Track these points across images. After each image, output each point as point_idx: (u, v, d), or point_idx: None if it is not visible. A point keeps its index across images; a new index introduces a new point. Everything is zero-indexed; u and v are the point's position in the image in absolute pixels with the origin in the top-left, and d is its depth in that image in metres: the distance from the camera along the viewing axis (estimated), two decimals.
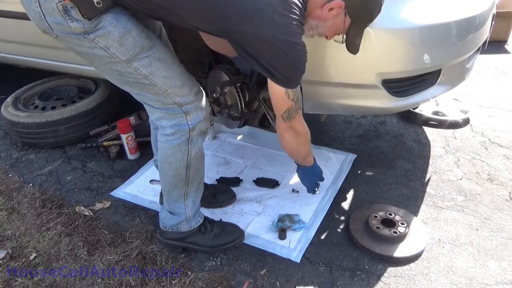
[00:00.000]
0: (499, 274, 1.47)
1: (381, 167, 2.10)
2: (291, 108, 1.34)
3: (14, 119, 2.30)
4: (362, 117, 2.62)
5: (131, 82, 1.27)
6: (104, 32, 1.15)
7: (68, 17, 1.12)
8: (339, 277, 1.47)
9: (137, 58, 1.21)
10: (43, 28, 1.19)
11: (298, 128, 1.44)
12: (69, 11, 1.11)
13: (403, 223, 1.62)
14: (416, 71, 1.53)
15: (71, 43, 1.20)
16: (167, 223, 1.55)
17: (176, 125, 1.33)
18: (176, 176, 1.43)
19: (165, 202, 1.53)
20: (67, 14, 1.12)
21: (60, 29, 1.16)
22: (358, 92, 1.60)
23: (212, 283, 1.45)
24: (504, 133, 2.41)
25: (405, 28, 1.44)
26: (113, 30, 1.16)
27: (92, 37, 1.16)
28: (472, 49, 1.66)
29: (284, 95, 1.29)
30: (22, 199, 1.93)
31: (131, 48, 1.19)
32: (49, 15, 1.14)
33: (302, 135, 1.48)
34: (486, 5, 1.67)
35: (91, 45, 1.18)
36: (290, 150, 1.57)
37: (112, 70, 1.25)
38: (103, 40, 1.17)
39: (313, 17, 1.25)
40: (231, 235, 1.59)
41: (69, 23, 1.13)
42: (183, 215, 1.50)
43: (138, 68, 1.22)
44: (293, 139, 1.48)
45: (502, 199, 1.85)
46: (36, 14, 1.15)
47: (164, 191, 1.50)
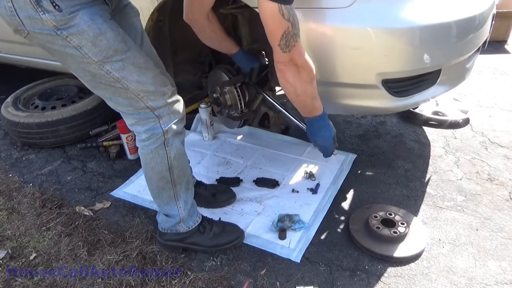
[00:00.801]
0: (499, 274, 1.47)
1: (381, 167, 2.10)
2: (288, 32, 1.18)
3: (14, 119, 2.30)
4: (362, 117, 2.62)
5: (103, 84, 1.23)
6: (77, 31, 1.12)
7: (40, 9, 1.08)
8: (339, 277, 1.47)
9: (110, 60, 1.18)
10: (15, 25, 1.14)
11: (299, 61, 1.29)
12: (40, 1, 1.08)
13: (403, 223, 1.62)
14: (416, 71, 1.53)
15: (43, 40, 1.16)
16: (165, 226, 1.55)
17: (150, 129, 1.31)
18: (161, 180, 1.41)
19: (158, 206, 1.53)
20: (39, 5, 1.08)
21: (32, 24, 1.12)
22: (358, 92, 1.60)
23: (212, 283, 1.45)
24: (504, 133, 2.41)
25: (405, 28, 1.44)
26: (87, 29, 1.13)
27: (65, 35, 1.12)
28: (472, 49, 1.66)
29: (278, 14, 1.13)
30: (22, 199, 1.93)
31: (104, 50, 1.16)
32: (20, 9, 1.10)
33: (306, 70, 1.33)
34: (486, 5, 1.67)
35: (63, 43, 1.14)
36: (294, 93, 1.37)
37: (85, 70, 1.21)
38: (76, 39, 1.13)
39: None
40: (231, 235, 1.59)
41: (41, 15, 1.09)
42: (177, 216, 1.50)
43: (110, 71, 1.19)
44: (295, 76, 1.32)
45: (502, 199, 1.85)
46: (7, 10, 1.11)
47: (153, 196, 1.49)
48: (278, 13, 1.14)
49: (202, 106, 2.23)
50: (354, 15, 1.44)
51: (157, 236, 1.60)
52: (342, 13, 1.45)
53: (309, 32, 1.50)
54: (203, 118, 2.26)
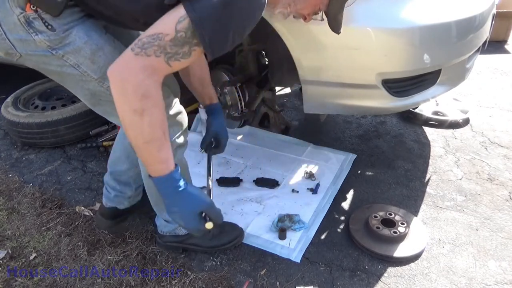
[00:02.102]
0: (499, 274, 1.47)
1: (381, 167, 2.10)
2: (162, 37, 0.91)
3: (14, 119, 2.30)
4: (362, 117, 2.62)
5: (103, 101, 1.18)
6: (74, 49, 1.07)
7: (31, 30, 1.04)
8: (339, 277, 1.47)
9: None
10: (5, 48, 1.09)
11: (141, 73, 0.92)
12: (32, 23, 1.03)
13: (403, 223, 1.62)
14: (416, 71, 1.53)
15: (38, 61, 1.11)
16: (164, 229, 1.55)
17: None
18: (157, 193, 1.33)
19: (157, 212, 1.53)
20: (30, 27, 1.03)
21: (24, 46, 1.07)
22: (358, 92, 1.60)
23: (212, 283, 1.45)
24: (504, 133, 2.41)
25: (405, 28, 1.44)
26: (84, 46, 1.07)
27: (61, 54, 1.08)
28: (472, 49, 1.66)
29: (176, 18, 0.92)
30: (22, 199, 1.93)
31: (104, 66, 1.09)
32: (10, 31, 1.05)
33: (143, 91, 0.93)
34: (486, 5, 1.67)
35: (60, 63, 1.09)
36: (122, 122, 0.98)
37: (83, 88, 1.16)
38: (73, 57, 1.08)
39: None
40: (230, 235, 1.58)
41: (33, 36, 1.04)
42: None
43: (108, 87, 1.06)
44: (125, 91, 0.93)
45: (502, 199, 1.85)
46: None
47: (153, 202, 1.48)
48: (177, 18, 0.92)
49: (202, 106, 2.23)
50: (354, 15, 1.44)
51: (157, 237, 1.60)
52: None
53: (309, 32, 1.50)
54: (203, 118, 2.26)
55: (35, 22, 1.03)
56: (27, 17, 1.03)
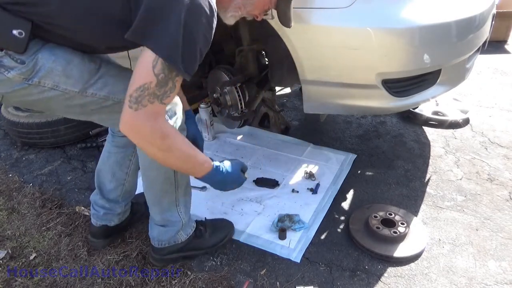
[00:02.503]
0: (499, 274, 1.47)
1: (381, 167, 2.10)
2: (148, 87, 0.99)
3: (14, 119, 2.30)
4: (362, 117, 2.62)
5: (95, 109, 1.18)
6: (46, 71, 1.07)
7: (3, 69, 1.04)
8: (339, 277, 1.47)
9: (90, 84, 1.12)
10: None
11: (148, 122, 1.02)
12: (1, 62, 1.03)
13: (403, 223, 1.62)
14: (416, 71, 1.53)
15: (20, 95, 1.10)
16: (163, 238, 1.46)
17: None
18: (166, 181, 1.35)
19: (155, 217, 1.45)
20: (1, 66, 1.04)
21: (1, 86, 1.07)
22: (358, 92, 1.60)
23: (212, 283, 1.45)
24: (504, 133, 2.41)
25: (405, 28, 1.44)
26: (54, 65, 1.07)
27: (37, 81, 1.07)
28: (472, 49, 1.66)
29: (150, 63, 0.98)
30: (22, 199, 1.93)
31: (79, 77, 1.11)
32: None
33: (158, 133, 1.05)
34: (486, 5, 1.67)
35: (39, 90, 1.09)
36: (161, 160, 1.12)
37: (71, 106, 1.15)
38: (49, 80, 1.08)
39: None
40: (224, 230, 1.59)
41: (6, 75, 1.04)
42: (179, 222, 1.45)
43: (95, 93, 1.13)
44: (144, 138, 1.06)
45: (502, 199, 1.85)
46: None
47: (154, 202, 1.42)
48: (151, 63, 0.98)
49: (202, 106, 2.23)
50: (354, 15, 1.44)
51: (152, 254, 1.50)
52: (342, 13, 1.45)
53: (309, 32, 1.50)
54: (203, 118, 2.26)
55: (4, 60, 1.04)
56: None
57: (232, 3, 1.17)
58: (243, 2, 1.18)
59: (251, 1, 1.19)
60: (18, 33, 1.01)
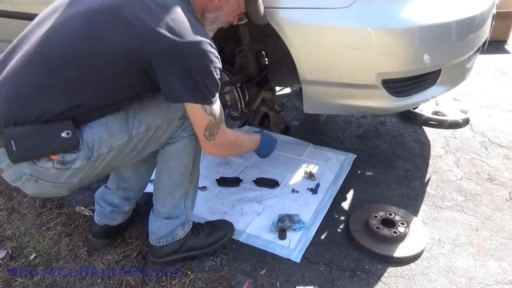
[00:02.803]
0: (499, 274, 1.47)
1: (381, 167, 2.10)
2: (211, 124, 1.25)
3: None
4: (362, 117, 2.62)
5: (145, 144, 1.29)
6: (98, 143, 1.18)
7: (69, 165, 1.16)
8: (339, 277, 1.47)
9: (131, 128, 1.24)
10: (68, 190, 1.24)
11: (224, 142, 1.34)
12: (64, 161, 1.15)
13: (403, 223, 1.62)
14: (416, 71, 1.53)
15: (89, 175, 1.24)
16: (162, 233, 1.47)
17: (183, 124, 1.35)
18: (183, 173, 1.41)
19: (162, 209, 1.46)
20: (66, 164, 1.15)
21: (75, 176, 1.20)
22: (358, 92, 1.60)
23: (212, 283, 1.45)
24: (504, 133, 2.41)
25: (405, 28, 1.44)
26: (99, 135, 1.18)
27: (96, 155, 1.19)
28: (472, 49, 1.66)
29: (201, 111, 1.21)
30: (22, 199, 1.93)
31: (121, 129, 1.22)
32: (55, 180, 1.18)
33: (233, 144, 1.41)
34: (486, 5, 1.67)
35: (101, 159, 1.21)
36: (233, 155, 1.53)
37: (127, 155, 1.28)
38: (103, 147, 1.20)
39: (209, 11, 1.29)
40: (222, 229, 1.59)
41: (73, 166, 1.17)
42: (183, 215, 1.47)
43: (138, 132, 1.26)
44: (226, 149, 1.41)
45: (502, 199, 1.85)
46: (45, 184, 1.19)
47: (167, 193, 1.43)
48: (201, 110, 1.20)
49: None
50: (354, 15, 1.44)
51: (151, 257, 1.50)
52: (342, 13, 1.45)
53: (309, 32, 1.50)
54: None
55: (65, 158, 1.15)
56: (58, 161, 1.15)
57: (207, 20, 1.31)
58: (216, 15, 1.31)
59: (222, 12, 1.31)
60: (66, 133, 1.12)
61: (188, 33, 1.12)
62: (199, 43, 1.13)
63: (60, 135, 1.11)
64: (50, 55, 1.12)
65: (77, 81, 1.13)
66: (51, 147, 1.12)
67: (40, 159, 1.14)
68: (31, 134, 1.10)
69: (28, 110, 1.10)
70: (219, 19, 1.32)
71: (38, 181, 1.18)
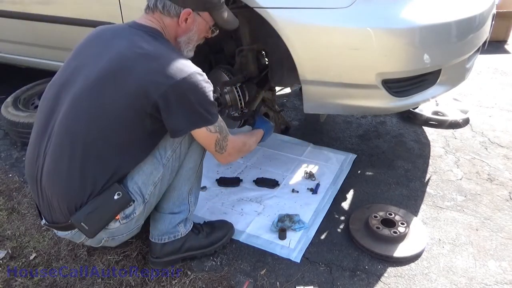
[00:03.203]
0: (499, 274, 1.47)
1: (381, 167, 2.10)
2: (218, 140, 1.36)
3: (14, 119, 2.30)
4: (362, 117, 2.62)
5: (178, 162, 1.40)
6: (144, 188, 1.31)
7: (131, 216, 1.31)
8: (339, 277, 1.47)
9: (159, 159, 1.34)
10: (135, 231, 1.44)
11: (235, 149, 1.47)
12: (126, 215, 1.30)
13: (403, 223, 1.62)
14: (416, 71, 1.53)
15: (148, 209, 1.38)
16: (165, 229, 1.48)
17: None
18: (192, 169, 1.46)
19: (165, 204, 1.47)
20: (129, 216, 1.31)
21: (139, 220, 1.36)
22: (358, 92, 1.60)
23: (212, 283, 1.45)
24: (504, 133, 2.41)
25: (405, 28, 1.44)
26: (141, 181, 1.31)
27: (148, 197, 1.33)
28: (472, 49, 1.66)
29: (206, 132, 1.31)
30: (22, 199, 1.93)
31: (154, 165, 1.33)
32: (127, 231, 1.38)
33: (242, 149, 1.54)
34: (486, 5, 1.67)
35: (153, 195, 1.35)
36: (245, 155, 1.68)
37: (170, 177, 1.40)
38: (149, 188, 1.33)
39: (180, 36, 1.38)
40: (222, 230, 1.60)
41: (135, 215, 1.32)
42: (186, 211, 1.49)
43: (167, 159, 1.36)
44: (238, 154, 1.53)
45: (502, 199, 1.85)
46: (123, 236, 1.39)
47: (174, 188, 1.45)
48: (206, 131, 1.31)
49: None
50: (354, 15, 1.44)
51: (151, 258, 1.51)
52: (342, 13, 1.45)
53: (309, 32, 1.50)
54: None
55: (126, 213, 1.30)
56: (121, 217, 1.30)
57: (181, 44, 1.39)
58: (187, 37, 1.39)
59: (192, 33, 1.38)
60: (117, 195, 1.26)
61: (178, 71, 1.21)
62: (189, 76, 1.21)
63: (113, 199, 1.26)
64: (76, 139, 1.24)
65: (106, 153, 1.26)
66: (112, 212, 1.27)
67: (109, 224, 1.30)
68: (92, 211, 1.25)
69: (82, 193, 1.24)
70: (192, 39, 1.40)
71: (115, 238, 1.38)
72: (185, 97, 1.22)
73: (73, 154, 1.23)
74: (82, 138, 1.23)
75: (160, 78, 1.19)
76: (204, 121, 1.29)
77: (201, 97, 1.25)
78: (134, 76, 1.20)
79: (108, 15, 1.96)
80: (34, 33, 2.38)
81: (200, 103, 1.25)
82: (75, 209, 1.25)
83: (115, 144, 1.25)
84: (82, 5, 2.10)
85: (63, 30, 2.20)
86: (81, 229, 1.26)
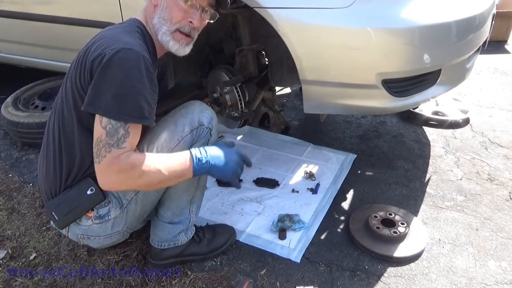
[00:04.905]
0: (499, 274, 1.47)
1: (381, 167, 2.10)
2: (101, 140, 1.11)
3: (14, 119, 2.30)
4: (362, 117, 2.62)
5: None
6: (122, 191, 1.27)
7: (106, 217, 1.27)
8: (339, 277, 1.47)
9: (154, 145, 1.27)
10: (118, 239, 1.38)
11: (114, 169, 1.12)
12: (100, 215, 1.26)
13: (403, 223, 1.62)
14: (416, 71, 1.53)
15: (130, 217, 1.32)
16: (165, 237, 1.45)
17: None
18: (190, 180, 1.33)
19: (165, 213, 1.43)
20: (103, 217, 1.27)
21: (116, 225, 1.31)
22: (358, 92, 1.60)
23: (212, 283, 1.45)
24: (504, 133, 2.41)
25: (405, 28, 1.44)
26: None
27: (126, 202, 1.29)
28: (472, 49, 1.66)
29: (97, 121, 1.12)
30: (22, 199, 1.93)
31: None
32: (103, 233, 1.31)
33: (129, 173, 1.14)
34: (486, 5, 1.67)
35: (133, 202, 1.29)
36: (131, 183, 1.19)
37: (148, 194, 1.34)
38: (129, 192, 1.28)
39: (151, 16, 1.27)
40: (224, 236, 1.57)
41: (110, 217, 1.28)
42: (187, 220, 1.45)
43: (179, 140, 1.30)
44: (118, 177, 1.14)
45: (502, 199, 1.85)
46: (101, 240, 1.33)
47: (173, 198, 1.41)
48: (98, 121, 1.13)
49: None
50: (354, 15, 1.44)
51: (151, 259, 1.50)
52: (342, 13, 1.45)
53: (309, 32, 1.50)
54: None
55: (100, 212, 1.26)
56: (94, 216, 1.26)
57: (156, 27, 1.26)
58: (159, 16, 1.24)
59: (160, 9, 1.24)
60: (90, 190, 1.22)
61: (112, 44, 1.13)
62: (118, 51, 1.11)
63: (86, 194, 1.22)
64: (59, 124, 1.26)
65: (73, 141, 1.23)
66: (83, 207, 1.24)
67: (81, 219, 1.27)
68: (63, 202, 1.23)
69: (56, 181, 1.24)
70: (165, 18, 1.24)
71: (90, 238, 1.31)
72: (102, 71, 1.11)
73: (53, 140, 1.26)
74: (62, 124, 1.25)
75: (95, 53, 1.14)
76: (97, 107, 1.11)
77: (118, 77, 1.10)
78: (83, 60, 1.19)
79: (108, 15, 1.97)
80: (34, 33, 2.38)
81: (111, 84, 1.10)
82: (51, 197, 1.26)
83: (74, 132, 1.23)
84: (82, 5, 2.10)
85: (63, 30, 2.20)
86: (51, 218, 1.26)
